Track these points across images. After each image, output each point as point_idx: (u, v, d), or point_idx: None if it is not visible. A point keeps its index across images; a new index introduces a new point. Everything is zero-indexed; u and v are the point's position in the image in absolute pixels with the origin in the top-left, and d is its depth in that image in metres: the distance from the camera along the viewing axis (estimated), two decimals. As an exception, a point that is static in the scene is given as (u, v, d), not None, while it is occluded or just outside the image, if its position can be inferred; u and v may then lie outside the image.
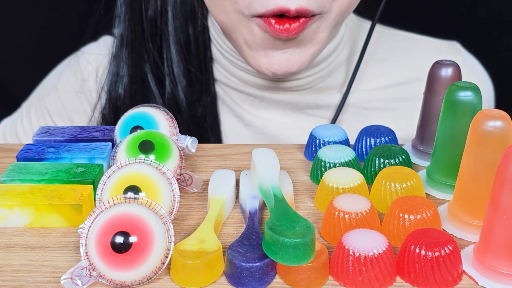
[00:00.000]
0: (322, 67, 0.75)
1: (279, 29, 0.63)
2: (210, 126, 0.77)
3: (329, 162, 0.57)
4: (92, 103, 0.79)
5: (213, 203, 0.51)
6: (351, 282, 0.44)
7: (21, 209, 0.51)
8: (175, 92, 0.75)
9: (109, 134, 0.62)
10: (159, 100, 0.75)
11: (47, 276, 0.46)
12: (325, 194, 0.53)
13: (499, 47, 1.17)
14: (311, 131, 0.62)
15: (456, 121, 0.53)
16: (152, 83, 0.75)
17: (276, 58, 0.66)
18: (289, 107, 0.77)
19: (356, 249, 0.43)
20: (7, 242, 0.49)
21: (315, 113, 0.77)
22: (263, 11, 0.62)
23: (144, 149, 0.53)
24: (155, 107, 0.58)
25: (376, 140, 0.61)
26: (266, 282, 0.44)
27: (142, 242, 0.43)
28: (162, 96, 0.75)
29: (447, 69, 0.58)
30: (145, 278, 0.44)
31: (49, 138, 0.61)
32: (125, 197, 0.46)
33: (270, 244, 0.43)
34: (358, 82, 0.78)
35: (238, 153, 0.63)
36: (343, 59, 0.77)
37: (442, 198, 0.55)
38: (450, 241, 0.44)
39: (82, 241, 0.44)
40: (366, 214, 0.48)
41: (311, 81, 0.75)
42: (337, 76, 0.77)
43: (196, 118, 0.76)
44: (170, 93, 0.75)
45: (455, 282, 0.44)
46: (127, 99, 0.76)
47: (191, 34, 0.74)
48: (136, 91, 0.75)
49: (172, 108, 0.75)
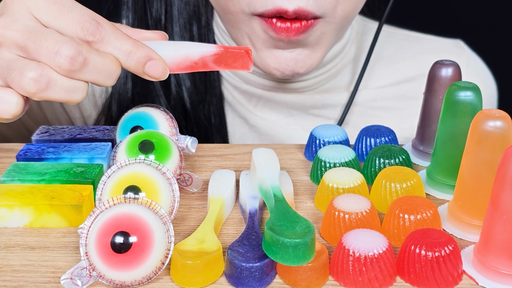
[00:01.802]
0: (328, 68, 0.75)
1: (279, 27, 0.63)
2: (215, 128, 0.77)
3: (329, 162, 0.57)
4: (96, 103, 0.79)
5: (213, 203, 0.51)
6: (351, 282, 0.44)
7: (21, 209, 0.51)
8: (180, 93, 0.75)
9: (109, 134, 0.62)
10: (164, 101, 0.75)
11: (47, 276, 0.46)
12: (325, 194, 0.53)
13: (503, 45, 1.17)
14: (311, 131, 0.62)
15: (456, 121, 0.53)
16: (158, 84, 0.75)
17: (284, 57, 0.66)
18: (295, 107, 0.77)
19: (356, 249, 0.43)
20: (7, 242, 0.49)
21: (321, 114, 0.78)
22: (262, 10, 0.62)
23: (144, 149, 0.53)
24: (155, 107, 0.58)
25: (376, 140, 0.61)
26: (266, 282, 0.44)
27: (142, 242, 0.43)
28: (167, 96, 0.75)
29: (447, 69, 0.58)
30: (145, 278, 0.44)
31: (49, 138, 0.61)
32: (125, 197, 0.46)
33: (270, 244, 0.43)
34: (364, 81, 0.78)
35: (238, 153, 0.63)
36: (349, 60, 0.77)
37: (442, 198, 0.55)
38: (450, 241, 0.44)
39: (82, 241, 0.44)
40: (366, 214, 0.48)
41: (318, 82, 0.75)
42: (343, 77, 0.77)
43: (201, 119, 0.76)
44: (175, 94, 0.75)
45: (455, 282, 0.44)
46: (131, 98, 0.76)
47: (195, 34, 0.75)
48: (140, 92, 0.75)
49: (177, 109, 0.75)
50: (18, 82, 0.47)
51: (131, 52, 0.49)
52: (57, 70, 0.47)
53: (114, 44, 0.49)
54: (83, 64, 0.47)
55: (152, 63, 0.50)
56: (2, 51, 0.48)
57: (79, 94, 0.49)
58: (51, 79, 0.47)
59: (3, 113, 0.48)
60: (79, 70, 0.47)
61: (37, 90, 0.47)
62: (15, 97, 0.48)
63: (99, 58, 0.48)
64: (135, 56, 0.49)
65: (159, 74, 0.51)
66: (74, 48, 0.47)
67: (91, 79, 0.49)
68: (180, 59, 0.52)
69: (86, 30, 0.48)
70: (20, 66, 0.47)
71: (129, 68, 0.50)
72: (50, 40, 0.47)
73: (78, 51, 0.47)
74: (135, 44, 0.50)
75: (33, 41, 0.47)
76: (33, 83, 0.47)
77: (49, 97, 0.48)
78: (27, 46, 0.47)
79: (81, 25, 0.48)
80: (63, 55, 0.46)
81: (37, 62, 0.47)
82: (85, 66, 0.47)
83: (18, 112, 0.48)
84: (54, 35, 0.47)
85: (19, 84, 0.47)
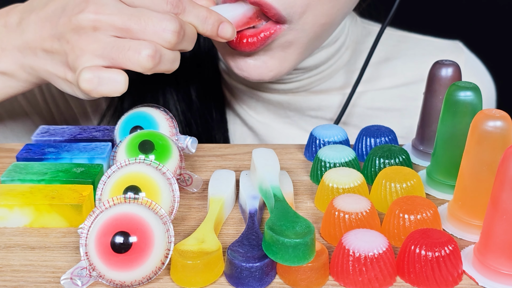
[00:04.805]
0: (322, 69, 0.75)
1: (232, 42, 0.61)
2: (217, 123, 0.77)
3: (329, 162, 0.57)
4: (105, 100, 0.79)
5: (213, 203, 0.51)
6: (351, 282, 0.44)
7: (21, 209, 0.51)
8: (187, 87, 0.75)
9: (109, 134, 0.62)
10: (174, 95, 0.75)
11: (47, 276, 0.46)
12: (325, 194, 0.53)
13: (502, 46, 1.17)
14: (311, 131, 0.62)
15: (456, 121, 0.53)
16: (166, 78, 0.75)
17: (244, 64, 0.64)
18: (291, 108, 0.77)
19: (356, 249, 0.43)
20: (7, 242, 0.49)
21: (318, 115, 0.77)
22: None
23: (144, 149, 0.53)
24: (155, 107, 0.58)
25: (376, 140, 0.61)
26: (266, 282, 0.44)
27: (142, 242, 0.43)
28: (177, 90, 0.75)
29: (447, 69, 0.58)
30: (145, 278, 0.44)
31: (49, 138, 0.61)
32: (125, 197, 0.46)
33: (270, 244, 0.43)
34: (363, 82, 0.78)
35: (238, 153, 0.63)
36: (344, 62, 0.77)
37: (442, 198, 0.55)
38: (450, 241, 0.44)
39: (82, 241, 0.44)
40: (366, 214, 0.48)
41: (312, 82, 0.75)
42: (338, 78, 0.77)
43: (204, 114, 0.76)
44: (183, 88, 0.75)
45: (455, 282, 0.44)
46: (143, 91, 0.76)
47: None
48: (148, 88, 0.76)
49: (184, 101, 0.75)
50: (137, 60, 0.51)
51: (206, 18, 0.55)
52: (164, 45, 0.52)
53: (194, 13, 0.55)
54: (183, 36, 0.53)
55: (223, 25, 0.56)
56: (99, 35, 0.52)
57: (178, 63, 0.55)
58: (162, 54, 0.52)
59: (114, 91, 0.52)
60: (180, 42, 0.53)
61: (154, 65, 0.52)
62: (123, 76, 0.52)
63: (189, 28, 0.54)
64: (210, 20, 0.55)
65: (230, 34, 0.56)
66: (177, 23, 0.52)
67: (184, 48, 0.54)
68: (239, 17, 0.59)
69: (171, 4, 0.53)
70: (134, 45, 0.51)
71: (206, 32, 0.56)
72: (154, 19, 0.52)
73: (180, 25, 0.52)
74: (208, 11, 0.55)
75: (136, 22, 0.52)
76: (151, 59, 0.51)
77: (160, 70, 0.53)
78: (130, 27, 0.52)
79: (165, 1, 0.53)
80: (170, 30, 0.52)
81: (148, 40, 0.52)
82: (184, 37, 0.53)
83: (125, 89, 0.52)
84: (153, 14, 0.52)
85: (137, 61, 0.51)
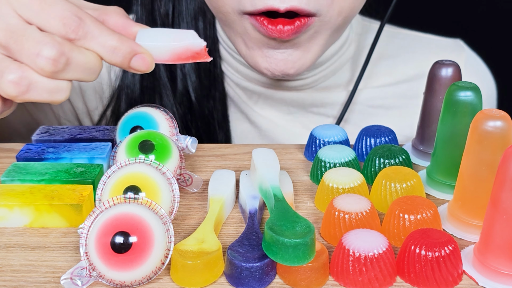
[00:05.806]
0: (326, 66, 0.75)
1: (271, 29, 0.62)
2: (218, 122, 0.77)
3: (329, 162, 0.57)
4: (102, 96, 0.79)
5: (213, 203, 0.51)
6: (351, 282, 0.44)
7: (21, 209, 0.51)
8: (186, 87, 0.75)
9: (109, 134, 0.62)
10: (171, 95, 0.75)
11: (47, 276, 0.46)
12: (325, 194, 0.53)
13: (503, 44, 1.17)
14: (311, 131, 0.62)
15: (456, 121, 0.53)
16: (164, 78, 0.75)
17: (274, 57, 0.65)
18: (294, 105, 0.77)
19: (356, 249, 0.43)
20: (7, 242, 0.49)
21: (321, 112, 0.78)
22: (252, 9, 0.62)
23: (144, 149, 0.53)
24: (155, 107, 0.58)
25: (376, 140, 0.61)
26: (266, 282, 0.44)
27: (142, 242, 0.43)
28: (174, 90, 0.75)
29: (447, 69, 0.58)
30: (145, 278, 0.44)
31: (49, 138, 0.61)
32: (125, 197, 0.46)
33: (270, 244, 0.43)
34: (364, 80, 0.78)
35: (238, 153, 0.63)
36: (348, 58, 0.77)
37: (442, 198, 0.55)
38: (450, 241, 0.44)
39: (82, 241, 0.44)
40: (366, 214, 0.48)
41: (316, 79, 0.76)
42: (342, 75, 0.78)
43: (205, 114, 0.76)
44: (182, 88, 0.75)
45: (455, 282, 0.44)
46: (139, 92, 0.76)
47: (201, 28, 0.75)
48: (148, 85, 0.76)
49: (183, 103, 0.75)
50: None
51: (116, 48, 0.48)
52: (39, 72, 0.46)
53: (98, 40, 0.48)
54: (65, 64, 0.46)
55: (138, 58, 0.49)
56: None
57: (63, 94, 0.47)
58: (32, 81, 0.46)
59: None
60: (62, 71, 0.46)
61: (18, 93, 0.46)
62: None
63: (81, 56, 0.47)
64: (121, 51, 0.48)
65: (145, 68, 0.50)
66: (55, 49, 0.45)
67: (74, 78, 0.47)
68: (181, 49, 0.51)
69: (68, 27, 0.46)
70: (1, 67, 0.46)
71: (115, 64, 0.49)
72: (30, 41, 0.45)
73: (60, 52, 0.45)
74: (120, 39, 0.48)
75: (15, 41, 0.46)
76: (13, 85, 0.45)
77: (31, 99, 0.46)
78: (9, 45, 0.46)
79: (63, 22, 0.46)
80: (44, 57, 0.45)
81: (18, 64, 0.46)
82: (67, 66, 0.46)
83: None
84: (35, 34, 0.45)
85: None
